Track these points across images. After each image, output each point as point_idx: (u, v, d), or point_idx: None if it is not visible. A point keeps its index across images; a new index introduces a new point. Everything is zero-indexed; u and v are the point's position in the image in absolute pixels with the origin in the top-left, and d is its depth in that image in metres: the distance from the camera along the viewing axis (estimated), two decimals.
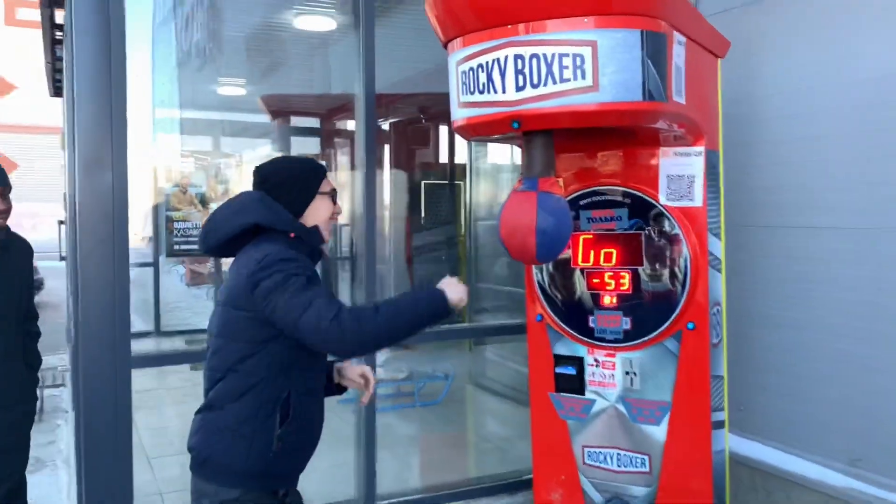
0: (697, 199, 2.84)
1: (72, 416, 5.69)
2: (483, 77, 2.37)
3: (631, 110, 2.32)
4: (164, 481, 3.99)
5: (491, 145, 6.15)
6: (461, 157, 6.77)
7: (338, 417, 4.68)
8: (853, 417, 3.24)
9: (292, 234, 2.11)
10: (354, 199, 3.81)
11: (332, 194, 2.24)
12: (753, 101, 3.65)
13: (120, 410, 3.03)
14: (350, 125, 6.26)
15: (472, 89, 2.44)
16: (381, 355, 3.63)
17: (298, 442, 2.12)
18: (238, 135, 7.20)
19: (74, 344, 3.15)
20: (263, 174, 2.18)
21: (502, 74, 2.32)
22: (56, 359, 8.16)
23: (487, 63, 2.35)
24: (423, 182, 6.34)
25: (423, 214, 6.04)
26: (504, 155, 6.02)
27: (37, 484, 4.76)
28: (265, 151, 6.95)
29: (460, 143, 6.85)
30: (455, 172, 6.39)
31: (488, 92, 2.37)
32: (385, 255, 4.25)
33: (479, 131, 2.57)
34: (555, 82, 2.26)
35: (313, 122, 6.07)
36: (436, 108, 6.69)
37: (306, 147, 6.41)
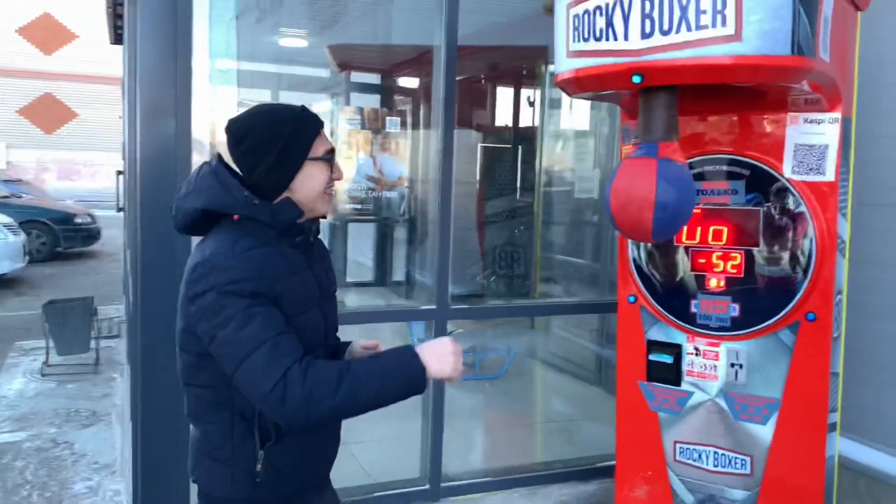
0: (829, 173, 2.48)
1: (128, 370, 5.63)
2: (601, 21, 2.04)
3: (778, 66, 1.97)
4: None
5: (565, 107, 5.80)
6: (527, 121, 6.43)
7: None
8: None
9: (235, 217, 1.66)
10: (424, 158, 3.54)
11: (329, 157, 1.72)
12: (881, 62, 3.23)
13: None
14: (413, 82, 5.98)
15: (586, 35, 2.11)
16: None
17: (293, 461, 1.71)
18: (299, 88, 6.98)
19: (134, 300, 2.98)
20: (238, 133, 1.67)
21: (625, 18, 1.98)
22: (112, 309, 8.17)
23: (608, 5, 2.02)
24: (492, 144, 6.03)
25: (494, 178, 5.73)
26: (579, 118, 5.66)
27: (91, 438, 4.72)
28: (327, 106, 6.73)
29: (527, 106, 6.50)
30: (525, 136, 6.05)
31: (607, 39, 2.04)
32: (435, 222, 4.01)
33: (589, 85, 2.25)
34: (689, 29, 1.93)
35: (382, 77, 5.79)
36: (506, 62, 6.34)
37: (370, 102, 6.16)
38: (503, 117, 6.58)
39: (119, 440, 4.61)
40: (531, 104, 6.33)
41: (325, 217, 1.78)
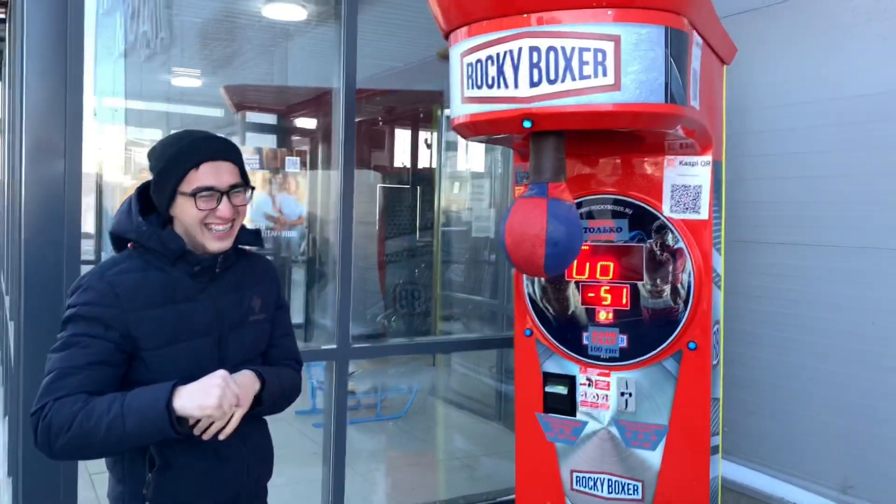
0: (703, 212, 2.68)
1: (4, 425, 5.25)
2: (493, 70, 2.16)
3: (653, 113, 2.14)
4: (105, 499, 3.67)
5: (461, 149, 5.97)
6: (425, 161, 6.58)
7: (298, 432, 4.42)
8: (846, 443, 3.14)
9: (129, 245, 1.73)
10: (324, 198, 3.56)
11: (198, 193, 1.67)
12: (745, 111, 3.55)
13: None
14: (311, 123, 6.01)
15: (479, 83, 2.22)
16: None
17: (183, 489, 1.71)
18: (191, 127, 6.87)
19: (16, 347, 2.81)
20: (148, 154, 1.77)
21: (515, 68, 2.11)
22: None
23: (499, 55, 2.14)
24: (391, 185, 6.12)
25: (394, 218, 5.81)
26: (475, 160, 5.84)
27: None
28: None
29: (425, 148, 6.65)
30: (423, 177, 6.18)
31: (498, 86, 2.16)
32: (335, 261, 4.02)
33: (484, 129, 2.36)
34: (573, 79, 2.07)
35: (280, 117, 5.79)
36: (403, 106, 6.49)
37: (266, 142, 6.14)
38: (402, 158, 6.70)
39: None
40: (428, 146, 6.49)
41: (220, 248, 1.74)
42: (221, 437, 1.64)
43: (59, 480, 2.74)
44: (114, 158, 3.93)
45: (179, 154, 1.67)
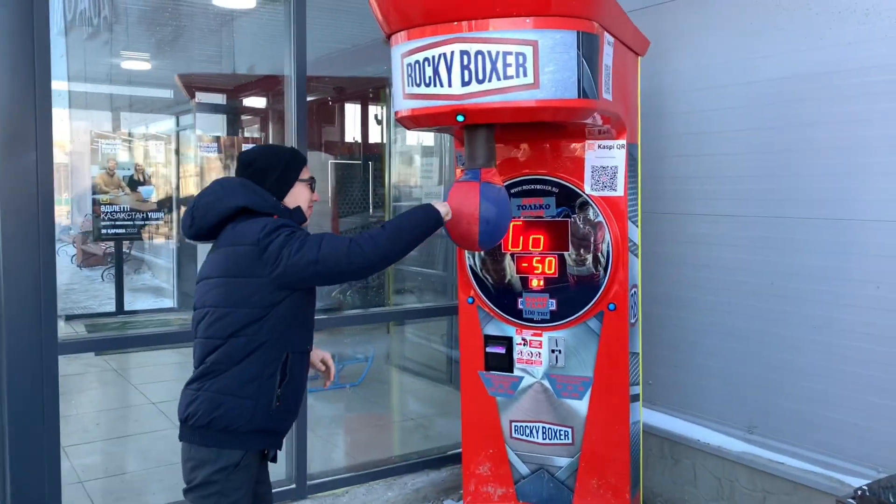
0: (619, 189, 3.04)
1: None
2: (429, 70, 2.46)
3: (567, 107, 2.48)
4: (82, 469, 3.90)
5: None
6: (376, 138, 6.81)
7: None
8: (750, 389, 3.57)
9: (275, 216, 2.24)
10: None
11: (311, 182, 2.44)
12: (664, 95, 3.91)
13: (47, 398, 2.96)
14: (262, 103, 6.19)
15: (417, 82, 2.52)
16: None
17: (293, 401, 2.29)
18: (139, 109, 6.94)
19: None
20: (248, 159, 2.35)
21: (448, 69, 2.42)
22: None
23: (434, 57, 2.44)
24: (343, 162, 6.36)
25: (346, 196, 6.06)
26: (423, 138, 6.10)
27: None
28: (167, 127, 6.75)
29: (376, 125, 6.89)
30: (374, 155, 6.43)
31: (434, 85, 2.46)
32: None
33: (423, 122, 2.67)
34: (499, 78, 2.39)
35: (230, 99, 5.95)
36: (352, 88, 6.70)
37: (216, 125, 6.28)
38: (352, 135, 6.93)
39: None
40: (378, 122, 6.73)
41: (306, 221, 2.43)
42: None
43: (43, 452, 2.99)
44: (61, 143, 4.09)
45: (297, 155, 2.42)
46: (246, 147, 4.16)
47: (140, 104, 6.94)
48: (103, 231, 3.39)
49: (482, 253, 3.25)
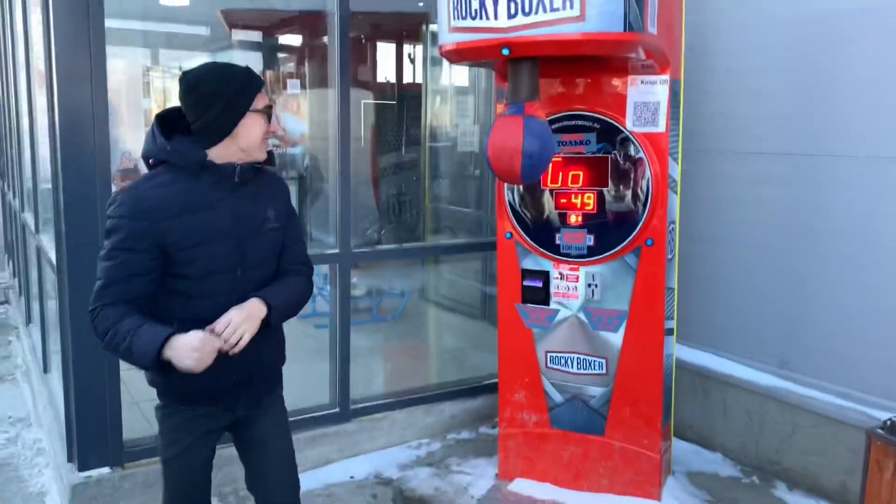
0: (661, 126, 3.06)
1: (24, 331, 5.69)
2: (475, 3, 2.49)
3: (613, 40, 2.49)
4: (136, 392, 4.12)
5: (446, 65, 6.21)
6: (410, 78, 6.79)
7: (302, 333, 4.86)
8: (782, 324, 3.62)
9: (150, 161, 2.02)
10: (320, 117, 3.83)
11: (267, 111, 2.06)
12: (707, 31, 3.86)
13: None
14: (300, 41, 6.20)
15: (463, 15, 2.55)
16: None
17: (206, 372, 1.98)
18: (178, 46, 6.99)
19: (58, 258, 3.19)
20: (188, 85, 1.98)
21: (495, 2, 2.43)
22: None
23: None
24: (380, 101, 6.37)
25: (383, 135, 6.10)
26: (459, 76, 6.09)
27: (0, 396, 4.83)
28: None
29: (410, 64, 6.86)
30: (410, 93, 6.42)
31: (480, 18, 2.49)
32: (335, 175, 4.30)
33: (468, 56, 2.70)
34: (545, 11, 2.40)
35: (268, 36, 5.97)
36: (391, 25, 6.66)
37: (254, 62, 6.31)
38: (387, 75, 6.91)
39: (29, 396, 4.74)
40: (411, 60, 6.71)
41: (261, 161, 2.09)
42: (232, 353, 1.97)
43: (105, 377, 3.17)
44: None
45: (247, 80, 2.01)
46: (291, 83, 4.23)
47: (175, 41, 6.98)
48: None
49: (521, 188, 3.31)
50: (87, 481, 3.16)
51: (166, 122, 2.04)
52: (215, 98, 1.95)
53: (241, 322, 1.98)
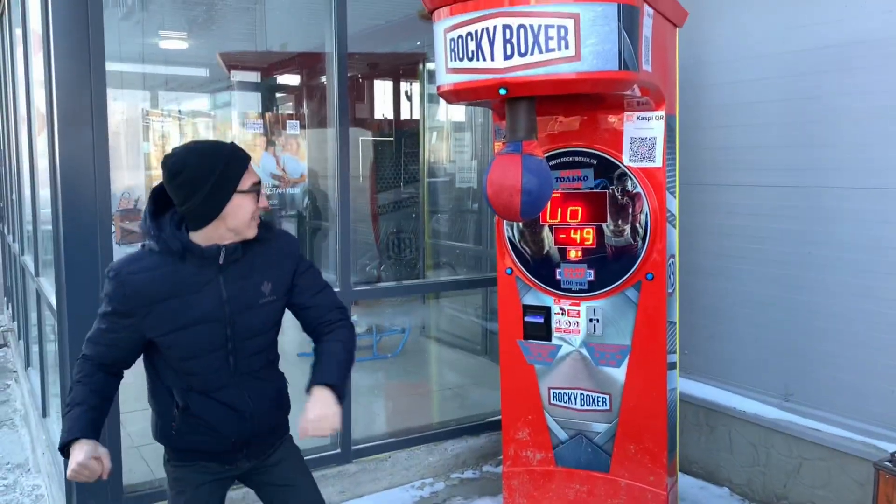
0: (658, 160, 3.08)
1: (23, 375, 5.65)
2: (472, 45, 2.52)
3: (608, 79, 2.52)
4: (136, 435, 4.08)
5: (442, 106, 6.28)
6: (407, 114, 6.86)
7: (302, 372, 4.85)
8: (786, 357, 3.61)
9: (142, 245, 2.04)
10: (319, 155, 3.86)
11: (255, 189, 1.99)
12: (701, 66, 3.91)
13: None
14: (298, 81, 6.27)
15: (460, 56, 2.58)
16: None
17: (201, 428, 2.09)
18: (177, 88, 7.07)
19: (58, 300, 3.18)
20: (172, 169, 1.91)
21: (491, 43, 2.47)
22: None
23: (476, 32, 2.50)
24: (378, 138, 6.43)
25: (382, 172, 6.14)
26: (456, 112, 6.15)
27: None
28: (203, 105, 6.89)
29: (408, 102, 6.94)
30: (408, 130, 6.49)
31: (477, 59, 2.52)
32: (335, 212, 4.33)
33: (465, 96, 2.73)
34: (541, 51, 2.44)
35: (267, 77, 6.04)
36: (387, 64, 6.75)
37: (252, 103, 6.38)
38: (384, 112, 6.99)
39: (28, 441, 4.70)
40: (409, 98, 6.79)
41: (253, 235, 2.04)
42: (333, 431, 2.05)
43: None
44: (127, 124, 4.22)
45: (233, 160, 1.95)
46: (290, 124, 4.26)
47: (174, 83, 7.07)
48: None
49: (521, 224, 3.32)
50: None
51: (161, 197, 2.01)
52: (200, 183, 1.89)
53: (322, 420, 1.98)
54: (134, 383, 5.07)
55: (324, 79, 3.84)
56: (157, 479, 3.40)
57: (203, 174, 1.89)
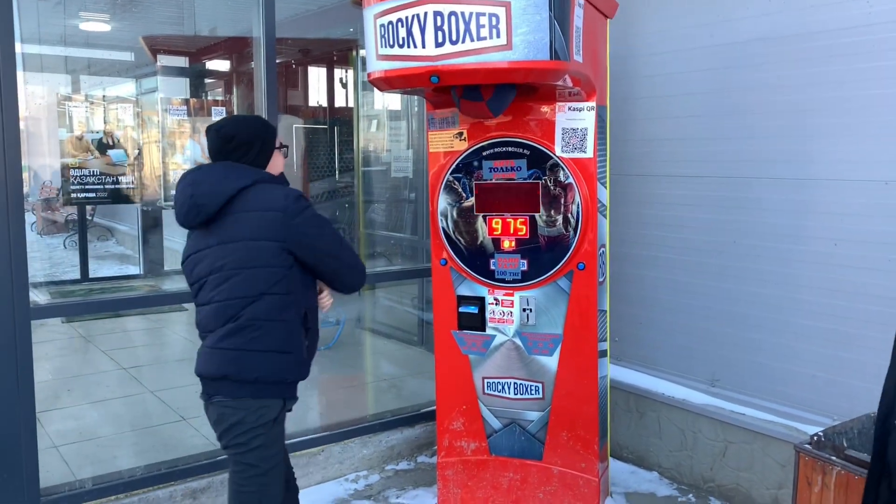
0: (589, 151, 3.11)
1: None
2: (403, 31, 2.48)
3: (540, 69, 2.51)
4: (55, 435, 3.91)
5: (377, 94, 6.20)
6: (342, 101, 6.76)
7: None
8: (712, 343, 3.70)
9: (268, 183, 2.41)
10: None
11: (284, 148, 2.54)
12: (631, 58, 3.96)
13: (21, 363, 2.95)
14: (226, 66, 6.10)
15: (391, 43, 2.53)
16: None
17: (313, 352, 2.53)
18: (100, 72, 6.79)
19: None
20: (228, 134, 2.40)
21: (422, 30, 2.43)
22: None
23: (407, 18, 2.45)
24: (311, 126, 6.31)
25: (315, 160, 6.03)
26: (392, 99, 6.09)
27: None
28: (127, 90, 6.64)
29: (342, 89, 6.84)
30: (342, 119, 6.39)
31: (408, 46, 2.48)
32: None
33: (396, 84, 2.68)
34: (472, 39, 2.41)
35: (193, 62, 5.84)
36: (319, 50, 6.63)
37: (179, 88, 6.18)
38: (318, 99, 6.87)
39: None
40: (343, 85, 6.68)
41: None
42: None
43: (18, 418, 2.99)
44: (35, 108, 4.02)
45: (270, 125, 2.53)
46: (216, 110, 4.14)
47: (98, 67, 6.78)
48: (73, 195, 3.35)
49: (455, 214, 3.30)
50: None
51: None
52: (253, 143, 2.41)
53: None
54: (51, 382, 4.85)
55: (252, 64, 3.72)
56: (77, 481, 3.26)
57: (253, 137, 2.42)
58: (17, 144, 2.91)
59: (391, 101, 6.10)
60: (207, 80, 6.24)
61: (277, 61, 3.62)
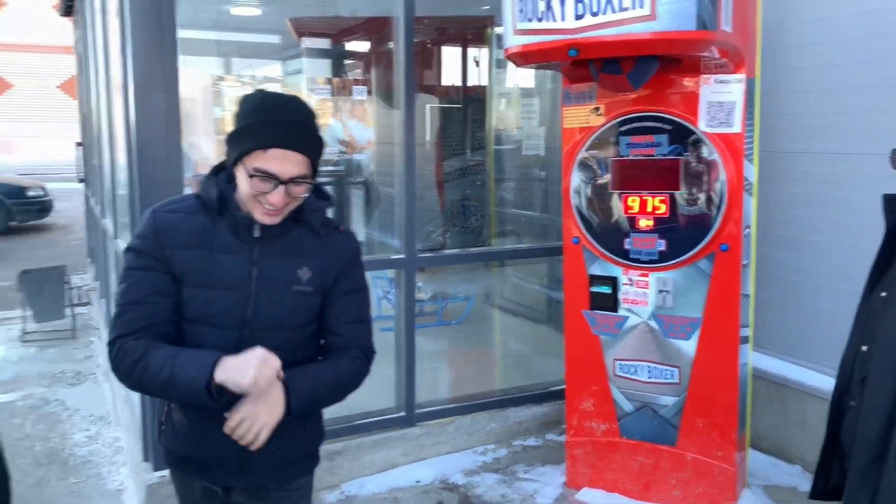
0: (736, 126, 2.95)
1: (104, 333, 5.91)
2: (542, 4, 2.44)
3: (685, 39, 2.41)
4: None
5: (511, 67, 6.17)
6: (476, 81, 6.78)
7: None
8: None
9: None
10: (386, 122, 3.84)
11: (258, 174, 1.68)
12: (782, 27, 3.70)
13: None
14: (367, 47, 6.27)
15: (529, 16, 2.51)
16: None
17: (182, 427, 1.84)
18: (251, 55, 7.16)
19: None
20: (238, 100, 1.74)
21: (562, 2, 2.39)
22: (77, 279, 8.33)
23: None
24: (445, 105, 6.38)
25: (448, 139, 6.10)
26: (525, 77, 6.04)
27: (81, 394, 5.03)
28: (274, 72, 6.97)
29: (475, 67, 6.84)
30: (475, 97, 6.41)
31: (547, 19, 2.44)
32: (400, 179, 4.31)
33: (534, 58, 2.66)
34: (613, 10, 2.34)
35: (336, 44, 6.06)
36: (455, 28, 6.66)
37: (322, 68, 6.41)
38: (452, 79, 6.92)
39: (109, 395, 4.92)
40: (477, 64, 6.69)
41: (266, 222, 1.72)
42: (254, 448, 1.69)
43: None
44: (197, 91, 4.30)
45: (255, 130, 1.63)
46: (357, 89, 4.28)
47: (246, 50, 7.16)
48: None
49: (589, 192, 3.24)
50: (162, 481, 3.24)
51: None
52: (236, 122, 1.68)
53: (258, 414, 1.65)
54: None
55: (391, 44, 3.80)
56: None
57: (241, 115, 1.67)
58: (177, 122, 3.13)
59: (524, 78, 6.05)
60: (348, 62, 6.44)
61: (417, 40, 3.66)
